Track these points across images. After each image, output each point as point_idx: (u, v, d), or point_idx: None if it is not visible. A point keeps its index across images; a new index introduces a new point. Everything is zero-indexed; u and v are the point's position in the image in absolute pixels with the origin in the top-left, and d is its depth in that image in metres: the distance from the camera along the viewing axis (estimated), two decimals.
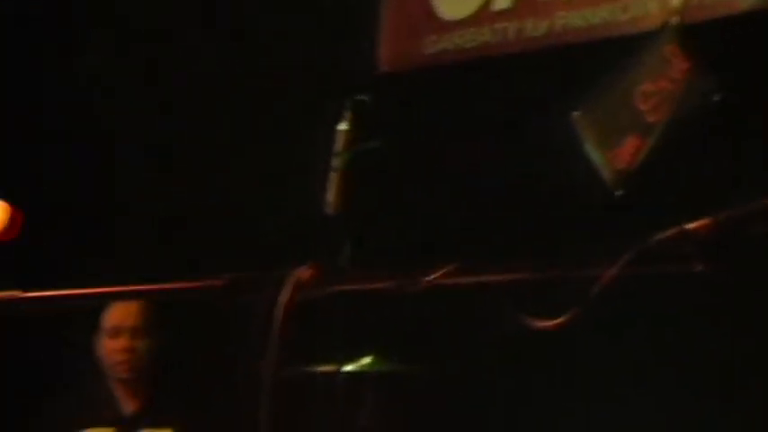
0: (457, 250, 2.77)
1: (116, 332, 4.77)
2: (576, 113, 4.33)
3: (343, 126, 4.19)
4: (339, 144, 4.21)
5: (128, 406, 4.81)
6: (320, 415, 4.08)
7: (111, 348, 4.77)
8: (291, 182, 4.91)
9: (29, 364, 5.43)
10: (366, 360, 4.53)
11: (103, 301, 4.12)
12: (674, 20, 4.14)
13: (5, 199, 2.39)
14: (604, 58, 4.33)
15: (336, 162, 4.22)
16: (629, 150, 4.16)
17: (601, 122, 4.29)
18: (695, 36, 4.09)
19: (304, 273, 2.10)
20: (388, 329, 4.59)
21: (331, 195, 4.21)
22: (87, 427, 4.74)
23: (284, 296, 2.03)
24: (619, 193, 4.18)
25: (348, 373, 4.33)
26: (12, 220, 2.48)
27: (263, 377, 2.07)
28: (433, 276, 2.02)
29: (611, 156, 4.22)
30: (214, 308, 4.29)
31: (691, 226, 1.90)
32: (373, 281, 2.13)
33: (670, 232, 1.90)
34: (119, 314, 4.77)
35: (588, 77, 4.28)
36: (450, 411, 4.88)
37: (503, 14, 4.89)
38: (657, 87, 4.13)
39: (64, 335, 5.05)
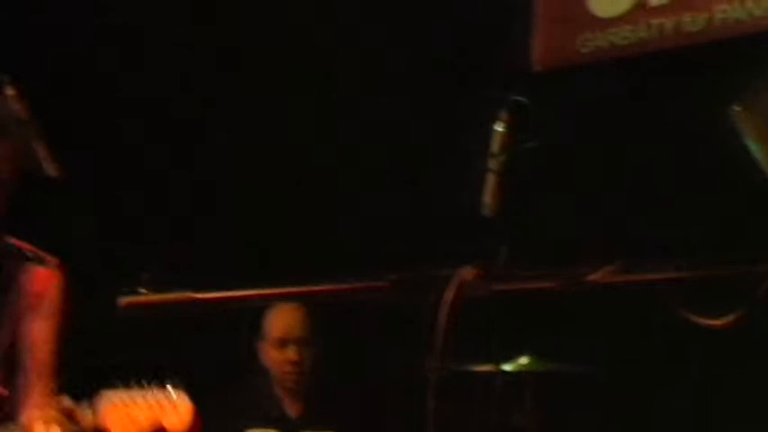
0: (616, 249, 2.75)
1: (283, 343, 4.84)
2: (736, 108, 4.26)
3: (499, 127, 4.19)
4: (495, 145, 4.21)
5: (291, 407, 4.90)
6: (478, 414, 4.08)
7: (279, 359, 4.84)
8: (449, 183, 4.93)
9: (198, 360, 5.55)
10: (524, 360, 4.54)
11: (272, 301, 4.20)
12: None
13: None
14: (765, 50, 4.26)
15: (493, 163, 4.22)
16: None
17: (762, 117, 4.21)
18: None
19: (468, 273, 2.12)
20: (545, 329, 4.57)
21: (488, 197, 4.21)
22: (253, 425, 4.84)
23: (449, 296, 2.05)
24: None
25: (506, 372, 4.34)
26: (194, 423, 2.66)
27: (428, 377, 2.10)
28: (596, 275, 2.02)
29: None
30: (371, 310, 4.36)
31: None
32: (536, 281, 2.14)
33: None
34: (285, 325, 4.83)
35: (748, 71, 4.20)
36: (608, 411, 4.83)
37: (659, 10, 4.84)
38: None
39: (231, 333, 5.16)
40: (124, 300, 2.10)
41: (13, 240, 3.35)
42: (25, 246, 3.36)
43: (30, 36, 5.53)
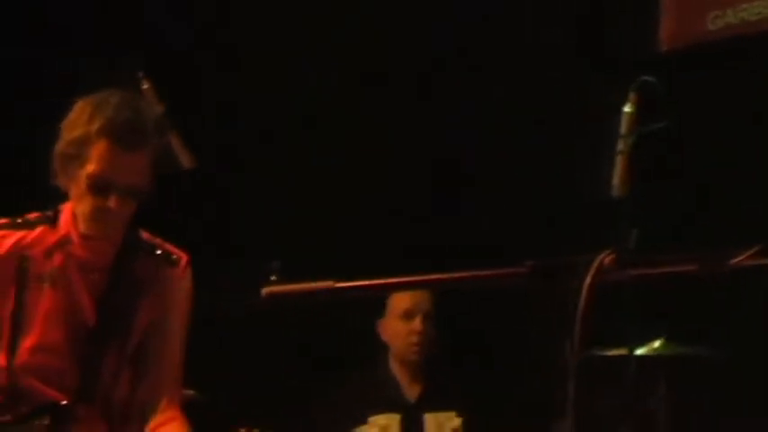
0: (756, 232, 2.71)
1: (410, 315, 4.93)
2: None
3: (627, 108, 4.16)
4: (624, 126, 4.17)
5: (411, 390, 4.94)
6: (611, 399, 4.06)
7: (405, 331, 4.93)
8: (578, 166, 4.91)
9: (317, 349, 5.62)
10: (657, 343, 4.50)
11: (412, 288, 4.24)
12: None
13: None
14: None
15: (621, 145, 4.18)
16: None
17: None
18: None
19: (606, 257, 2.12)
20: (679, 312, 4.53)
21: (616, 178, 4.18)
22: (374, 411, 4.90)
23: (588, 280, 2.06)
24: None
25: (640, 356, 4.30)
26: None
27: (567, 360, 2.10)
28: (739, 258, 2.00)
29: None
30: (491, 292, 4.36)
31: None
32: (677, 265, 2.13)
33: None
34: (412, 298, 4.92)
35: None
36: (742, 395, 4.77)
37: None
38: None
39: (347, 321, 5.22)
40: (266, 289, 2.13)
41: (144, 234, 3.38)
42: (156, 241, 3.39)
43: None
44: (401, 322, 4.95)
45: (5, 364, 3.21)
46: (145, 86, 3.98)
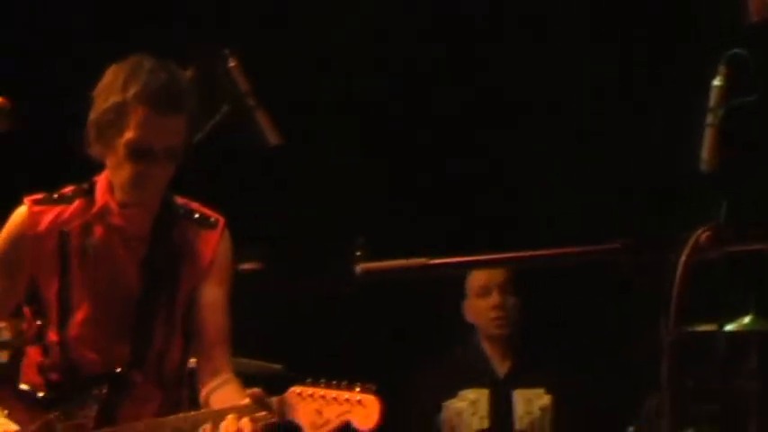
0: None
1: (486, 291, 4.93)
2: None
3: (717, 81, 4.10)
4: (713, 99, 4.12)
5: (500, 367, 4.94)
6: (701, 375, 4.03)
7: (484, 307, 4.93)
8: (667, 139, 4.86)
9: (405, 328, 5.65)
10: (747, 318, 4.45)
11: (505, 265, 4.24)
12: None
13: None
14: None
15: (710, 118, 4.13)
16: None
17: None
18: None
19: (702, 234, 2.10)
20: None
21: (705, 152, 4.13)
22: (464, 386, 4.92)
23: (684, 257, 2.04)
24: None
25: (729, 332, 4.26)
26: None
27: (662, 337, 2.09)
28: None
29: None
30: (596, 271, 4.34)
31: None
32: None
33: None
34: (486, 273, 4.91)
35: None
36: None
37: None
38: None
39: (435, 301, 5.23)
40: (361, 266, 2.14)
41: (180, 200, 3.34)
42: (192, 205, 3.34)
43: None
44: (480, 300, 4.96)
45: (58, 340, 3.23)
46: (232, 64, 4.01)
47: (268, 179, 5.62)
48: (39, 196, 3.32)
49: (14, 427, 3.16)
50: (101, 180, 3.28)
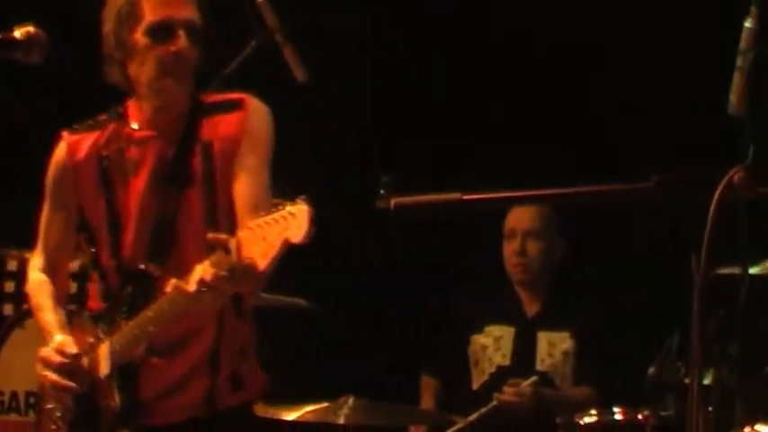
0: None
1: (511, 234, 4.95)
2: None
3: (748, 23, 4.07)
4: (743, 41, 4.08)
5: (531, 307, 4.97)
6: (724, 317, 4.04)
7: (507, 252, 4.96)
8: (696, 82, 4.85)
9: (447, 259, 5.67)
10: None
11: (538, 201, 4.24)
12: None
13: None
14: None
15: (740, 61, 4.10)
16: None
17: None
18: None
19: (735, 173, 2.11)
20: None
21: (734, 95, 4.11)
22: (491, 322, 4.95)
23: (717, 197, 2.05)
24: None
25: (753, 274, 4.27)
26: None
27: (695, 277, 2.11)
28: None
29: None
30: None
31: None
32: None
33: None
34: (514, 217, 4.93)
35: None
36: None
37: None
38: None
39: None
40: (395, 200, 2.16)
41: (209, 97, 3.34)
42: (217, 96, 3.34)
43: None
44: (506, 242, 4.97)
45: (114, 264, 3.27)
46: (260, 0, 4.01)
47: (293, 116, 5.62)
48: (74, 126, 3.37)
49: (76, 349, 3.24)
50: (131, 103, 3.32)
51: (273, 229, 2.79)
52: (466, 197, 2.10)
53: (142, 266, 3.21)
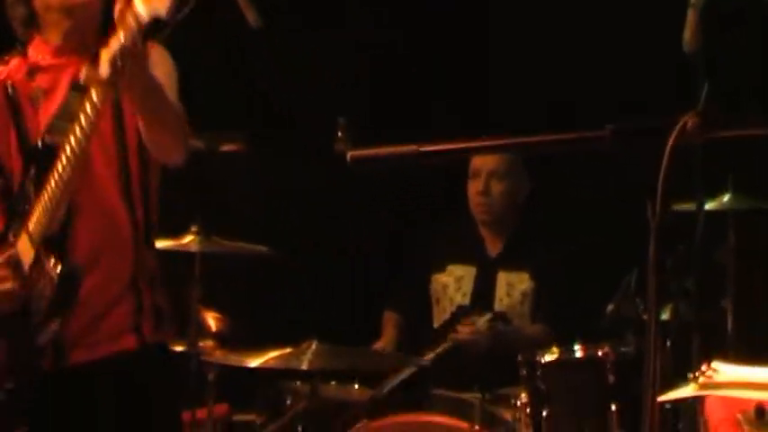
0: None
1: (476, 174, 4.96)
2: None
3: None
4: None
5: (493, 247, 5.00)
6: (680, 253, 4.09)
7: (471, 192, 4.98)
8: (648, 22, 4.86)
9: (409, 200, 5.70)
10: (726, 197, 4.51)
11: (495, 151, 4.24)
12: None
13: None
14: None
15: None
16: None
17: None
18: None
19: (688, 120, 2.13)
20: (747, 165, 4.52)
21: (687, 32, 4.12)
22: (454, 261, 4.99)
23: (670, 143, 2.07)
24: None
25: (708, 210, 4.32)
26: None
27: (649, 221, 2.14)
28: None
29: None
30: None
31: None
32: (757, 128, 2.14)
33: None
34: (478, 159, 4.93)
35: None
36: None
37: None
38: None
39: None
40: (351, 152, 2.16)
41: None
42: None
43: None
44: (471, 182, 4.98)
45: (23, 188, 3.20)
46: None
47: (249, 62, 5.61)
48: None
49: None
50: (34, 41, 3.29)
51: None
52: (423, 149, 2.11)
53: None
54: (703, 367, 2.61)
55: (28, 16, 3.28)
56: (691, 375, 2.63)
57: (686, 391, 2.61)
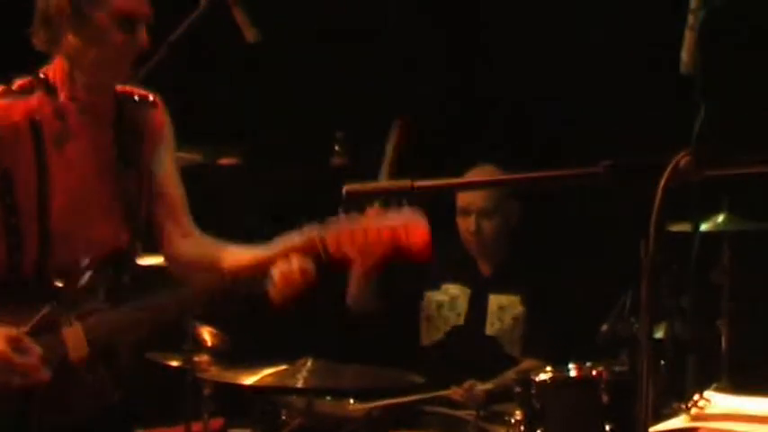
0: None
1: (465, 212, 4.96)
2: None
3: None
4: (693, 1, 4.11)
5: (484, 267, 5.01)
6: (676, 272, 4.10)
7: (462, 228, 4.99)
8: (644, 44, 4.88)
9: None
10: (721, 218, 4.51)
11: (491, 187, 4.25)
12: None
13: None
14: None
15: (691, 19, 4.13)
16: None
17: None
18: None
19: (682, 158, 2.14)
20: (743, 187, 4.52)
21: (685, 54, 4.13)
22: (449, 281, 4.98)
23: (663, 182, 2.08)
24: None
25: (703, 231, 4.32)
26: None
27: (642, 258, 2.14)
28: None
29: None
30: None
31: None
32: (753, 166, 2.15)
33: None
34: (467, 197, 4.92)
35: None
36: None
37: None
38: None
39: None
40: (346, 187, 2.17)
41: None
42: (126, 88, 3.34)
43: None
44: (460, 218, 4.98)
45: (36, 229, 3.20)
46: None
47: (246, 75, 5.61)
48: (1, 89, 3.27)
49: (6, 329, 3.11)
50: (52, 71, 3.26)
51: (383, 235, 2.91)
52: (417, 184, 2.12)
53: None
54: (695, 397, 2.61)
55: (50, 46, 3.24)
56: (683, 406, 2.63)
57: (678, 422, 2.61)
